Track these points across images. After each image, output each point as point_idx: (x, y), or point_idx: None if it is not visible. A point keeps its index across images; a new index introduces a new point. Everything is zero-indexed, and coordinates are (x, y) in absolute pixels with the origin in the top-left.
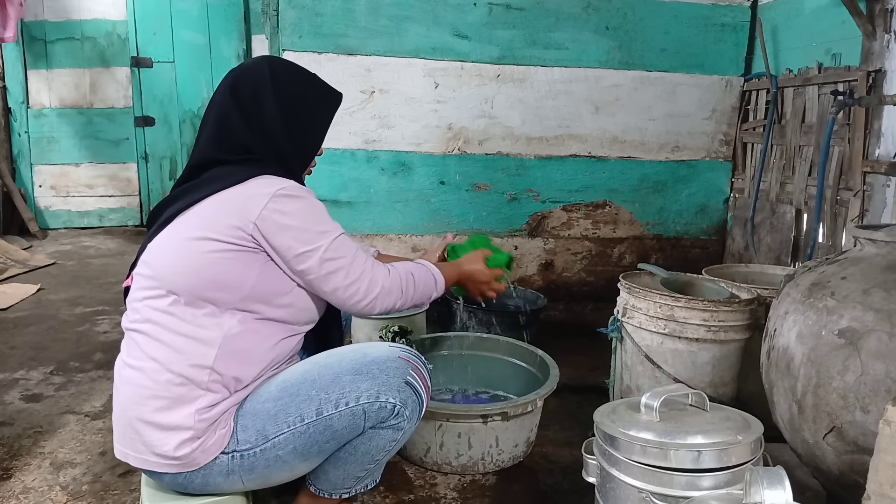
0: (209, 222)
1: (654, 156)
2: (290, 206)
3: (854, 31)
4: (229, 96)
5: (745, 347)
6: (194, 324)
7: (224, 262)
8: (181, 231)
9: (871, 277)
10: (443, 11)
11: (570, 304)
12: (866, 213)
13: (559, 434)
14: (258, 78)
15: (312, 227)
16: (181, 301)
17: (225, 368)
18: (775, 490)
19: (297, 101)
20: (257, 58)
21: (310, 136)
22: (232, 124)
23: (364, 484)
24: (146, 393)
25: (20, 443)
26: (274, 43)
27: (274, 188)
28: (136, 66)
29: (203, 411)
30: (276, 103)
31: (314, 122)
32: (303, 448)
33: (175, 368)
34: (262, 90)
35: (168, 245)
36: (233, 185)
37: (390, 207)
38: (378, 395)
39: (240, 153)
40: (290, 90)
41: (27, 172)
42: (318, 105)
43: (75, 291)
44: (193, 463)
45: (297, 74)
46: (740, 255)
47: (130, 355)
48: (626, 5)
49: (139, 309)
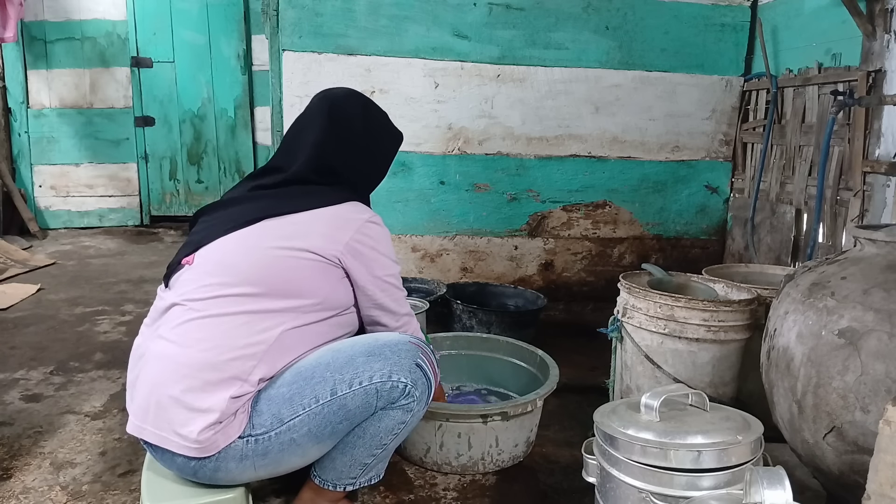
0: (302, 233)
1: (654, 156)
2: (376, 233)
3: (854, 31)
4: (328, 123)
5: (745, 347)
6: (258, 317)
7: (306, 269)
8: (269, 234)
9: (871, 277)
10: (443, 11)
11: (570, 304)
12: (866, 213)
13: (559, 434)
14: (353, 109)
15: (389, 254)
16: (252, 294)
17: (269, 364)
18: (775, 490)
19: (380, 136)
20: (348, 89)
21: (380, 167)
22: (328, 150)
23: (368, 476)
24: (184, 371)
25: (20, 443)
26: (274, 43)
27: (365, 215)
28: (136, 66)
29: (235, 399)
30: (364, 135)
31: (386, 155)
32: (317, 429)
33: (224, 354)
34: (356, 121)
35: (253, 244)
36: (327, 206)
37: (390, 207)
38: (391, 375)
39: (326, 175)
40: (376, 126)
41: (27, 172)
42: (390, 141)
43: (75, 291)
44: (212, 447)
45: (380, 112)
46: (740, 255)
47: (174, 332)
48: (626, 5)
49: (201, 291)
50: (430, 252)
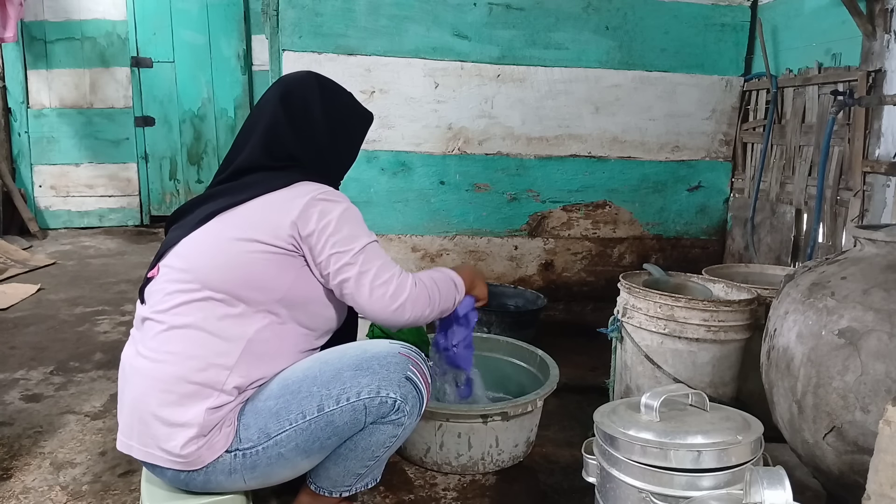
0: (252, 223)
1: (654, 156)
2: (330, 208)
3: (854, 31)
4: (280, 106)
5: (745, 347)
6: (223, 322)
7: (263, 263)
8: (223, 230)
9: (871, 277)
10: (443, 11)
11: (570, 304)
12: (866, 213)
13: (559, 434)
14: (308, 91)
15: (348, 230)
16: (214, 298)
17: (244, 371)
18: (775, 490)
19: (341, 117)
20: (303, 72)
21: (349, 150)
22: (281, 133)
23: (364, 482)
24: (160, 386)
25: (20, 443)
26: (274, 43)
27: (316, 192)
28: (136, 66)
29: (213, 410)
30: (323, 117)
31: (354, 137)
32: (305, 445)
33: (195, 365)
34: (311, 103)
35: (208, 242)
36: (277, 189)
37: (390, 207)
38: (379, 391)
39: (284, 161)
40: (336, 105)
41: (27, 172)
42: (357, 122)
43: (75, 291)
44: (198, 461)
45: (341, 92)
46: (740, 255)
47: (148, 346)
48: (626, 5)
49: (166, 301)
50: (430, 252)
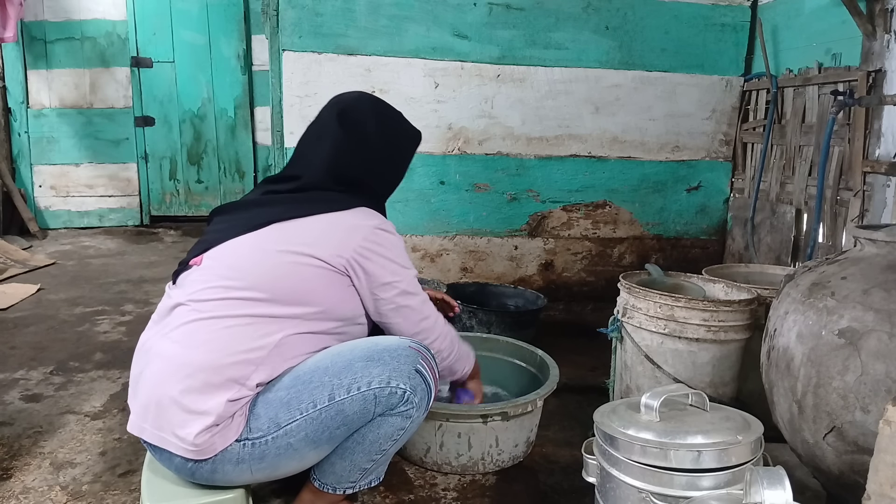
0: (311, 239)
1: (654, 156)
2: (386, 240)
3: (854, 31)
4: (341, 132)
5: (745, 347)
6: (260, 321)
7: (315, 278)
8: (280, 238)
9: (871, 277)
10: (443, 11)
11: (570, 304)
12: (866, 213)
13: (559, 434)
14: (365, 115)
15: (400, 260)
16: (257, 298)
17: (269, 369)
18: (775, 490)
19: (395, 136)
20: (358, 94)
21: (399, 170)
22: (343, 158)
23: (368, 479)
24: (186, 371)
25: (20, 443)
26: (274, 43)
27: (375, 221)
28: (136, 66)
29: (231, 403)
30: (378, 139)
31: (405, 157)
32: (314, 435)
33: (225, 357)
34: (369, 129)
35: (263, 247)
36: (340, 211)
37: (390, 207)
38: (389, 381)
39: (344, 182)
40: (392, 130)
41: (27, 172)
42: (408, 142)
43: (75, 291)
44: (209, 450)
45: (394, 112)
46: (740, 255)
47: (178, 331)
48: (626, 5)
49: (207, 292)
50: (430, 252)
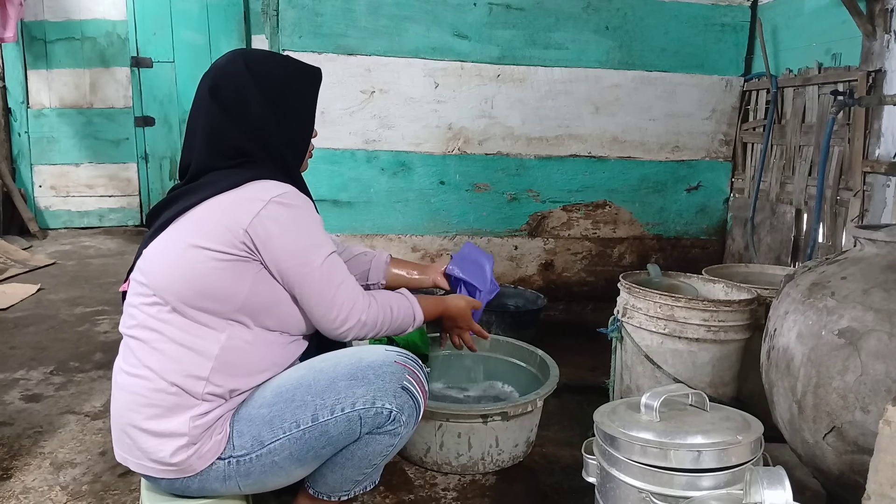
0: (202, 229)
1: (654, 156)
2: (284, 214)
3: (854, 31)
4: (212, 101)
5: (745, 347)
6: (190, 333)
7: (216, 273)
8: (174, 238)
9: (871, 277)
10: (443, 11)
11: (570, 304)
12: (866, 213)
13: (559, 434)
14: (237, 76)
15: (304, 239)
16: (175, 310)
17: (221, 380)
18: (775, 490)
19: (280, 91)
20: (229, 54)
21: (300, 123)
22: (221, 130)
23: (363, 486)
24: (141, 401)
25: (20, 443)
26: (274, 43)
27: (269, 194)
28: (136, 66)
29: (197, 418)
30: (260, 98)
31: (301, 107)
32: (299, 454)
33: (169, 378)
34: (243, 88)
35: (161, 252)
36: (228, 189)
37: (390, 207)
38: (374, 401)
39: (234, 157)
40: (270, 82)
41: (27, 172)
42: (301, 89)
43: (75, 291)
44: (190, 469)
45: (274, 63)
46: (740, 255)
47: (127, 362)
48: (626, 5)
49: (135, 315)
50: (430, 252)
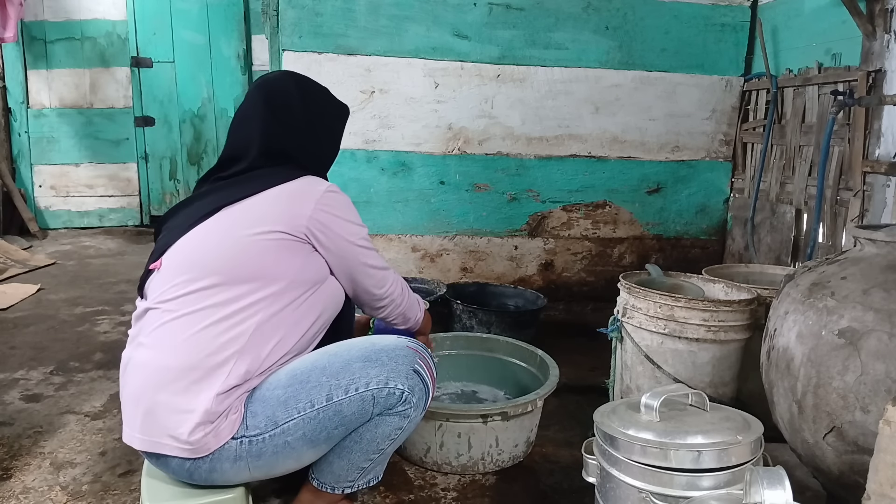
0: (262, 214)
1: (654, 156)
2: (340, 200)
3: (854, 31)
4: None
5: (745, 347)
6: (232, 308)
7: (273, 250)
8: (232, 220)
9: (871, 277)
10: (443, 11)
11: (570, 304)
12: (866, 213)
13: (559, 434)
14: (288, 96)
15: (357, 223)
16: (223, 284)
17: (254, 354)
18: (775, 490)
19: (320, 111)
20: (279, 73)
21: (331, 143)
22: (273, 134)
23: (367, 478)
24: (166, 375)
25: (20, 443)
26: (274, 43)
27: (323, 185)
28: (136, 66)
29: (222, 396)
30: (303, 112)
31: (334, 129)
32: (312, 434)
33: (202, 353)
34: (294, 106)
35: (218, 232)
36: (282, 183)
37: (390, 207)
38: (387, 381)
39: (280, 159)
40: (317, 106)
41: (27, 172)
42: (335, 117)
43: (75, 291)
44: (205, 448)
45: (319, 91)
46: (740, 255)
47: (151, 337)
48: (626, 5)
49: (173, 291)
50: (430, 252)
